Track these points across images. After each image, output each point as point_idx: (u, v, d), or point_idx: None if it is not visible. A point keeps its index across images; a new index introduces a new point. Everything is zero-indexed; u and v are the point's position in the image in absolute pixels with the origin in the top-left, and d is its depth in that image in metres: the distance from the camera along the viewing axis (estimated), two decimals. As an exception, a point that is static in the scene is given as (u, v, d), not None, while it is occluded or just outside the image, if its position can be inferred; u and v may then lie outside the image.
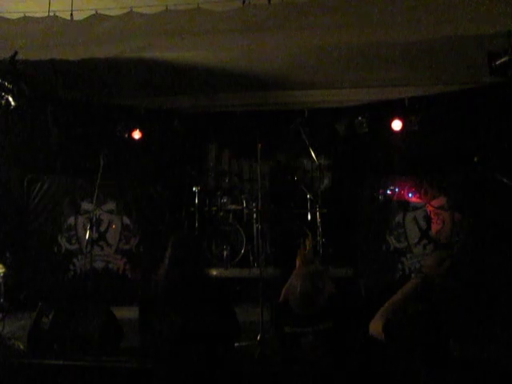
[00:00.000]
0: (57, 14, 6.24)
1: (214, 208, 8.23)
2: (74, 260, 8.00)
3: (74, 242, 8.09)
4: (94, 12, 6.21)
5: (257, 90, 8.50)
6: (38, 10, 6.28)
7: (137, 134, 8.54)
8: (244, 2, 5.97)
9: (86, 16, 6.24)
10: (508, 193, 6.09)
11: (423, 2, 5.95)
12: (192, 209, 8.27)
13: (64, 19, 6.22)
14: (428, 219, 7.81)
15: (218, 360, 3.78)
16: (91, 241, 6.74)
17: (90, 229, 6.47)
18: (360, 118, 8.26)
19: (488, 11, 5.72)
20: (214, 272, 7.59)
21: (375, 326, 3.16)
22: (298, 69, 7.70)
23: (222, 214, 8.19)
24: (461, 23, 5.86)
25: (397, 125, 8.17)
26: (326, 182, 8.69)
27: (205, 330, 3.74)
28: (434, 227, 7.77)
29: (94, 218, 7.79)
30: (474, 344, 2.65)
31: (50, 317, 5.46)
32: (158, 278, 3.98)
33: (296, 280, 3.81)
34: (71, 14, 6.15)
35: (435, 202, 7.84)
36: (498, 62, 5.46)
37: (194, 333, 3.73)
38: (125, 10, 6.23)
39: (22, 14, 6.37)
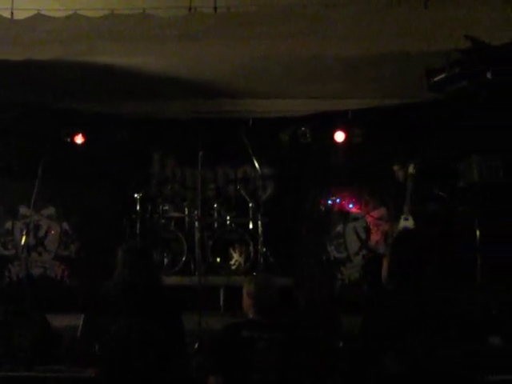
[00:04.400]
0: (-4, 11, 6.08)
1: (156, 215, 8.15)
2: (10, 266, 7.80)
3: (10, 247, 7.89)
4: (36, 12, 6.07)
5: (202, 97, 8.48)
6: (-24, 8, 6.12)
7: (79, 139, 8.39)
8: (190, 10, 5.95)
9: (27, 16, 6.09)
10: (443, 204, 6.28)
11: (366, 17, 6.07)
12: (133, 215, 8.17)
13: (4, 17, 6.05)
14: (368, 230, 7.96)
15: (165, 367, 3.79)
16: (28, 247, 6.60)
17: (27, 234, 6.33)
18: (304, 129, 8.35)
19: (427, 30, 5.90)
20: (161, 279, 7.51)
21: None
22: (243, 78, 7.72)
23: (163, 221, 8.13)
24: (402, 40, 6.01)
25: (340, 136, 8.30)
26: (268, 191, 8.74)
27: (154, 337, 3.74)
28: (374, 237, 7.93)
29: (32, 224, 7.61)
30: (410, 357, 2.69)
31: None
32: (109, 284, 3.96)
33: (251, 286, 3.92)
34: (11, 13, 6.00)
35: (375, 213, 7.99)
36: (435, 79, 5.63)
37: (143, 340, 3.73)
38: (68, 12, 6.10)
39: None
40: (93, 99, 8.47)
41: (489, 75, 5.11)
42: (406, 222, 6.51)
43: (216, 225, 8.16)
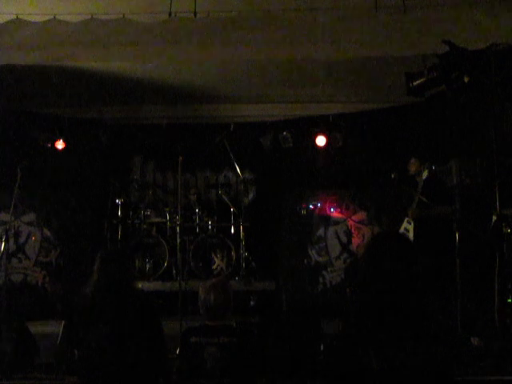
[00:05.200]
0: (-27, 16, 6.03)
1: (137, 220, 8.12)
2: (-11, 273, 7.72)
3: (-10, 253, 7.81)
4: (14, 16, 6.03)
5: (182, 102, 8.50)
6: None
7: (60, 144, 8.34)
8: (170, 14, 5.95)
9: (5, 20, 6.05)
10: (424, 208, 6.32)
11: (346, 22, 6.11)
12: (115, 221, 8.12)
13: (-19, 22, 6.02)
14: (349, 233, 8.01)
15: (145, 373, 3.77)
16: (8, 253, 6.53)
17: (7, 241, 6.27)
18: (285, 133, 8.37)
19: (406, 35, 5.96)
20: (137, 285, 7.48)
21: None
22: (223, 83, 7.76)
23: (145, 226, 8.09)
24: (381, 45, 6.07)
25: (321, 140, 8.33)
26: (250, 195, 8.74)
27: (132, 344, 3.73)
28: (355, 241, 7.97)
29: (12, 230, 7.53)
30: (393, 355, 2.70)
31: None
32: (86, 291, 3.94)
33: (203, 291, 3.94)
34: (-11, 17, 5.97)
35: (356, 217, 8.04)
36: (414, 83, 5.67)
37: (122, 346, 3.71)
38: (47, 17, 6.07)
39: None
40: (73, 104, 8.44)
41: (466, 79, 5.18)
42: (409, 226, 6.48)
43: (197, 230, 8.13)
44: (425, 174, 6.35)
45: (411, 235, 6.31)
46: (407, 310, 2.78)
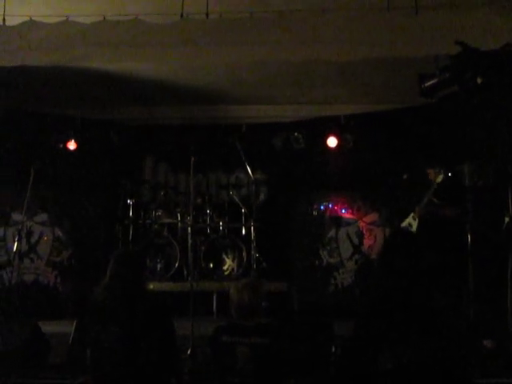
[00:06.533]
0: (-13, 18, 6.07)
1: (149, 221, 8.13)
2: (2, 272, 7.77)
3: (2, 253, 7.86)
4: (28, 18, 6.07)
5: (194, 103, 8.52)
6: (-32, 14, 6.10)
7: (72, 145, 8.38)
8: (182, 16, 5.96)
9: (19, 22, 6.09)
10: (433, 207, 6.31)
11: (358, 22, 6.10)
12: (126, 221, 8.15)
13: (-4, 24, 6.06)
14: (360, 235, 7.98)
15: (157, 373, 3.79)
16: (20, 253, 6.57)
17: (19, 241, 6.31)
18: (296, 134, 8.38)
19: (418, 36, 5.94)
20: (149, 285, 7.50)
21: None
22: (235, 84, 7.76)
23: (156, 227, 8.10)
24: (393, 46, 6.06)
25: (332, 141, 8.32)
26: (261, 196, 8.74)
27: (144, 344, 3.74)
28: (366, 242, 7.95)
29: (25, 230, 7.58)
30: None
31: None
32: (99, 291, 3.96)
33: (235, 291, 3.98)
34: (3, 19, 5.99)
35: (367, 218, 8.02)
36: (427, 84, 5.64)
37: (134, 347, 3.73)
38: (60, 18, 6.11)
39: None
40: (85, 105, 8.48)
41: (479, 81, 5.14)
42: (413, 222, 6.50)
43: (209, 230, 8.15)
44: (439, 179, 6.35)
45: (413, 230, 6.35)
46: (422, 310, 2.77)
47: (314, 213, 8.06)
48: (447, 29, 5.84)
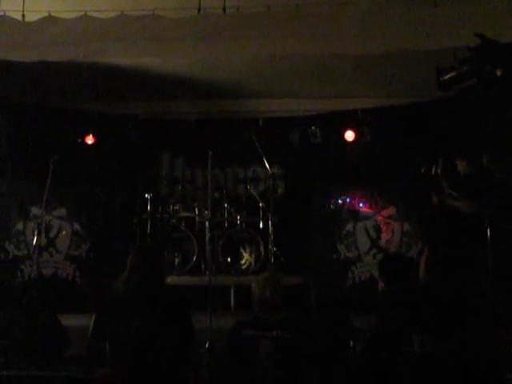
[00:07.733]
0: (7, 14, 6.10)
1: (166, 215, 8.16)
2: (22, 266, 7.85)
3: (22, 247, 7.94)
4: (46, 14, 6.10)
5: (211, 98, 8.53)
6: (-13, 10, 6.15)
7: (90, 139, 8.44)
8: (199, 10, 5.96)
9: (38, 17, 6.13)
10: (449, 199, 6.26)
11: (375, 15, 6.06)
12: (144, 216, 8.19)
13: (15, 19, 6.08)
14: (378, 229, 7.96)
15: (175, 366, 3.82)
16: (39, 247, 6.62)
17: (38, 234, 6.36)
18: (314, 128, 8.36)
19: (437, 28, 5.88)
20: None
21: None
22: (252, 78, 7.75)
23: (174, 221, 8.13)
24: (411, 39, 6.00)
25: (349, 135, 8.31)
26: (278, 190, 8.73)
27: (163, 338, 3.77)
28: (384, 237, 7.92)
29: (44, 224, 7.64)
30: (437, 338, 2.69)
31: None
32: (118, 285, 3.99)
33: (257, 286, 4.07)
34: (23, 15, 6.02)
35: (385, 212, 7.99)
36: (445, 77, 5.59)
37: (153, 340, 3.76)
38: (79, 14, 6.13)
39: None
40: (103, 100, 8.52)
41: (498, 73, 5.09)
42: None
43: (226, 224, 8.16)
44: (467, 170, 6.30)
45: None
46: (445, 302, 2.77)
47: (332, 207, 8.05)
48: (466, 21, 5.77)
